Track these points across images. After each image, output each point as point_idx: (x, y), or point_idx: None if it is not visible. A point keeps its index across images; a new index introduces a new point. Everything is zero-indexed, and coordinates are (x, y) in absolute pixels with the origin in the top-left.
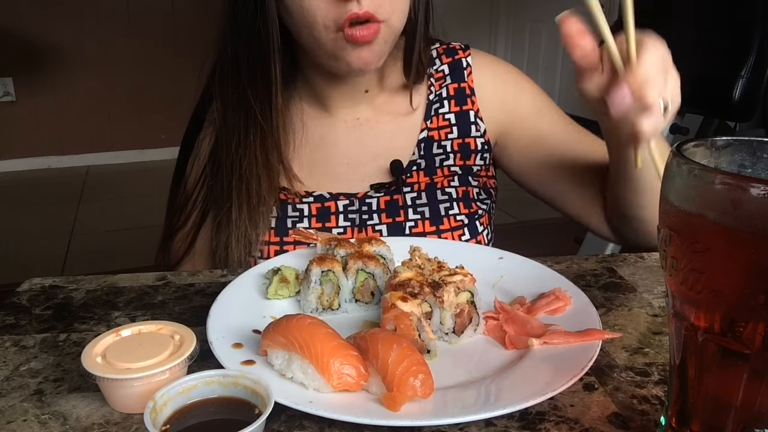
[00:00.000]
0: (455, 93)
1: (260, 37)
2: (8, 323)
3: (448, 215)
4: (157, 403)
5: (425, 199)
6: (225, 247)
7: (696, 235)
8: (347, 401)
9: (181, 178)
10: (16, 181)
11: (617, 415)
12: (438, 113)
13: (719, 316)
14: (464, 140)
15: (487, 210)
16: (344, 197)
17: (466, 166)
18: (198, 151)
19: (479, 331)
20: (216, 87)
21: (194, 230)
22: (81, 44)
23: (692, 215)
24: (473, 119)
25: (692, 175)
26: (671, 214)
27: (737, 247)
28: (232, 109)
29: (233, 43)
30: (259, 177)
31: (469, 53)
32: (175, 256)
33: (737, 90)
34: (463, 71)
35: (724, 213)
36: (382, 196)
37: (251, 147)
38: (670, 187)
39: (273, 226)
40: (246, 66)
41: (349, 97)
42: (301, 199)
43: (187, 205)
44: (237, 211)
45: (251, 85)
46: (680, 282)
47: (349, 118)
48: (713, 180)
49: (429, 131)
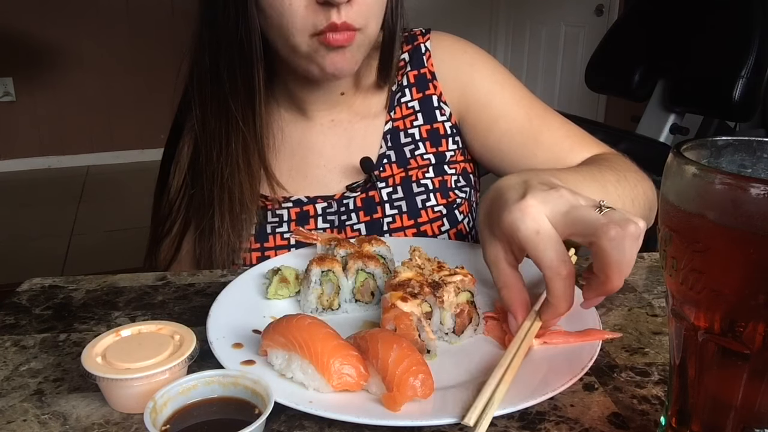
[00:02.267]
0: (416, 80)
1: (242, 47)
2: (8, 323)
3: (425, 207)
4: (157, 403)
5: (401, 193)
6: (208, 256)
7: (696, 235)
8: (347, 401)
9: (163, 186)
10: (16, 181)
11: (617, 415)
12: (401, 103)
13: (719, 316)
14: (432, 126)
15: (467, 197)
16: (322, 200)
17: (439, 153)
18: (179, 159)
19: (479, 331)
20: (194, 95)
21: (179, 238)
22: (81, 44)
23: (692, 215)
24: (437, 104)
25: (692, 175)
26: (671, 214)
27: (737, 247)
28: (212, 116)
29: (212, 52)
30: (241, 185)
31: (428, 38)
32: (162, 263)
33: (737, 90)
34: (422, 56)
35: (724, 213)
36: (358, 195)
37: (233, 155)
38: (670, 187)
39: (253, 232)
40: (227, 75)
41: (325, 101)
42: (280, 204)
43: (171, 213)
44: (219, 219)
45: (233, 93)
46: (680, 282)
47: (324, 121)
48: (713, 180)
49: (393, 122)
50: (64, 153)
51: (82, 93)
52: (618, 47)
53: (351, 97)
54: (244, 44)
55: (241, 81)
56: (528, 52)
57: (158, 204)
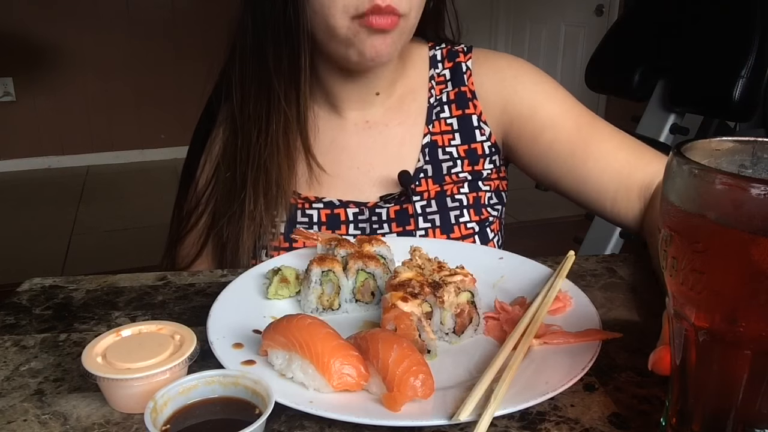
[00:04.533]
0: (456, 97)
1: (290, 24)
2: (8, 323)
3: (458, 223)
4: (158, 403)
5: (435, 207)
6: (236, 240)
7: (696, 236)
8: (347, 401)
9: (190, 179)
10: (16, 181)
11: (617, 415)
12: (440, 117)
13: (719, 317)
14: (470, 146)
15: (498, 216)
16: (354, 205)
17: (475, 172)
18: (210, 151)
19: (479, 331)
20: (235, 77)
21: (205, 232)
22: (81, 44)
23: (692, 215)
24: (476, 123)
25: (692, 175)
26: (672, 215)
27: (737, 247)
28: (253, 98)
29: (257, 32)
30: (279, 166)
31: (470, 56)
32: (183, 260)
33: (737, 90)
34: (462, 75)
35: (725, 213)
36: (392, 206)
37: (273, 135)
38: (671, 187)
39: (282, 231)
40: (272, 53)
41: (360, 98)
42: (310, 204)
43: (198, 206)
44: (253, 201)
45: (276, 70)
46: (681, 282)
47: (359, 121)
48: (713, 180)
49: (432, 135)
50: (64, 153)
51: (82, 93)
52: (618, 47)
53: (386, 98)
54: (291, 23)
55: (287, 60)
56: (528, 52)
57: (182, 197)
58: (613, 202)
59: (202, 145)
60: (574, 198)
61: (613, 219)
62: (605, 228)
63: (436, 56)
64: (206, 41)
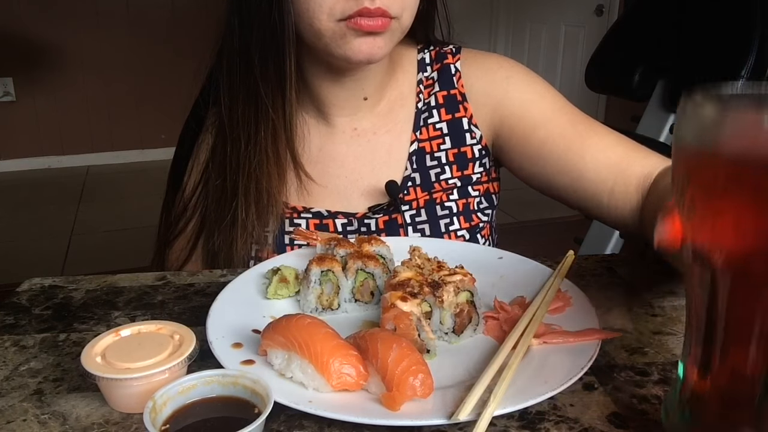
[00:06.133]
0: (445, 101)
1: (275, 28)
2: (8, 323)
3: (448, 231)
4: (157, 403)
5: (425, 216)
6: (228, 250)
7: (714, 175)
8: (347, 401)
9: (177, 183)
10: (16, 181)
11: (617, 415)
12: (427, 123)
13: (744, 255)
14: (460, 149)
15: (489, 220)
16: (342, 216)
17: (464, 176)
18: (197, 155)
19: (479, 330)
20: (223, 81)
21: (194, 236)
22: (81, 44)
23: (708, 155)
24: (467, 126)
25: (708, 113)
26: (689, 157)
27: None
28: (241, 103)
29: (243, 35)
30: (269, 174)
31: (458, 58)
32: (173, 265)
33: None
34: (452, 77)
35: (742, 149)
36: (380, 217)
37: (261, 143)
38: (686, 129)
39: (270, 242)
40: (258, 57)
41: (348, 104)
42: (299, 214)
43: (186, 211)
44: (245, 210)
45: (263, 76)
46: (700, 225)
47: (347, 129)
48: (729, 116)
49: (419, 143)
50: (64, 153)
51: (82, 93)
52: (618, 47)
53: (374, 104)
54: (276, 26)
55: (272, 64)
56: (528, 52)
57: (169, 205)
58: (610, 195)
59: (190, 149)
60: (568, 196)
61: (608, 213)
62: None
63: (425, 59)
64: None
